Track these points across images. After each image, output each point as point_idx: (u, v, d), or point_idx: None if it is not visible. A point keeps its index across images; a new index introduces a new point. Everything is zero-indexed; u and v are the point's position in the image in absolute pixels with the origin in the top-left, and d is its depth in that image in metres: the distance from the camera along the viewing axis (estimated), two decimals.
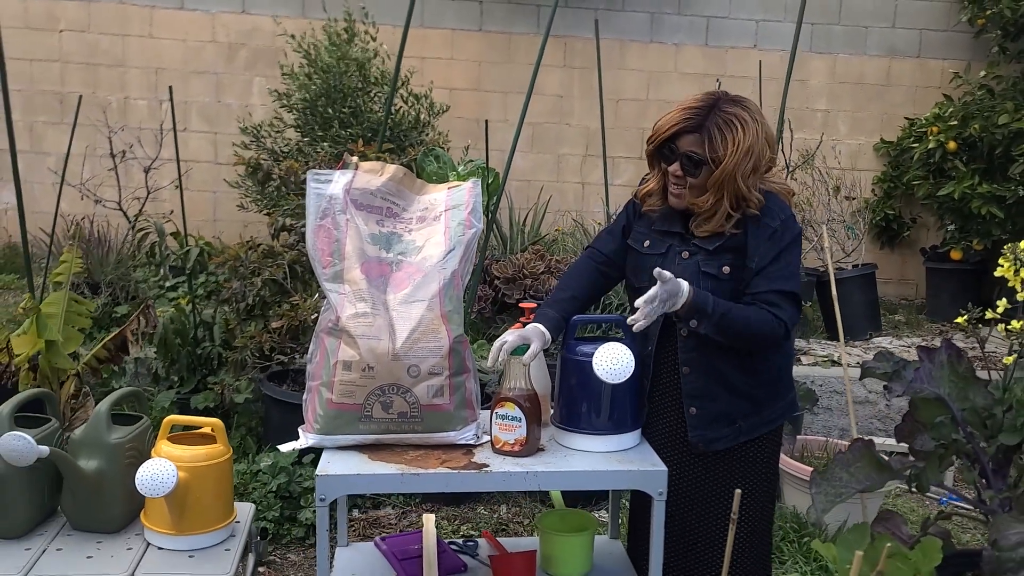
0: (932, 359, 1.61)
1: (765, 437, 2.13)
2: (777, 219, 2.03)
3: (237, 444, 3.65)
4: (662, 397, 2.15)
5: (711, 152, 1.97)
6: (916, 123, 6.96)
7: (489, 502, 3.57)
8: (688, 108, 2.02)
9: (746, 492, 2.08)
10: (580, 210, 7.03)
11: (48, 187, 6.34)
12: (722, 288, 2.02)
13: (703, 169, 1.99)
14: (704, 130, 1.98)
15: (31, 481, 2.01)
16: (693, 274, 2.03)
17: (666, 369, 2.13)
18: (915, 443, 1.79)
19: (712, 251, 2.04)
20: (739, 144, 1.95)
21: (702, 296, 1.96)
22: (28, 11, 6.63)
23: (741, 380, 2.07)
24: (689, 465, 2.12)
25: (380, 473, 1.83)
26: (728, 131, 1.96)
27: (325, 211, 2.06)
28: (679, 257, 2.08)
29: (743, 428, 2.09)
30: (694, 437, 2.08)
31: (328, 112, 5.10)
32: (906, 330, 6.22)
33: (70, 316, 3.25)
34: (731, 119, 1.97)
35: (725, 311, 1.97)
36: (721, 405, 2.07)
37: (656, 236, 2.15)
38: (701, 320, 1.98)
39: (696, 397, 2.07)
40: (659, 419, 2.16)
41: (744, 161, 1.96)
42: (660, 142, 2.06)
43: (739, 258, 2.02)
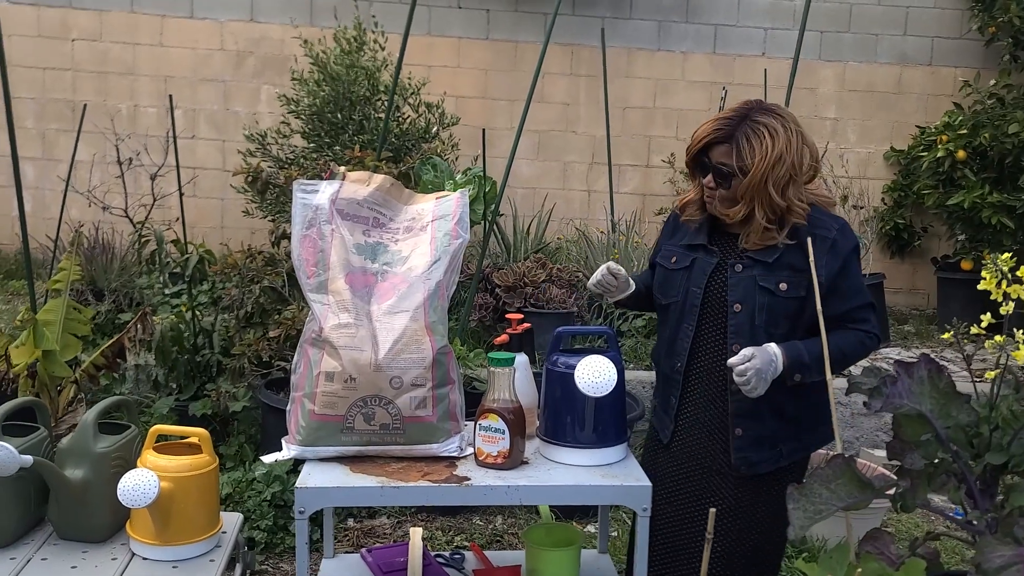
0: (911, 374, 1.58)
1: (799, 463, 2.12)
2: (832, 229, 2.01)
3: (235, 452, 3.65)
4: (707, 413, 2.10)
5: (739, 162, 1.95)
6: (926, 132, 6.90)
7: (485, 512, 3.56)
8: (720, 119, 2.00)
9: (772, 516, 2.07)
10: (585, 218, 7.01)
11: (58, 194, 6.40)
12: (778, 304, 1.98)
13: (733, 180, 1.97)
14: (733, 140, 1.96)
15: (17, 490, 2.02)
16: (748, 290, 2.00)
17: (713, 387, 2.08)
18: (905, 461, 1.75)
19: (769, 264, 2.00)
20: (768, 153, 1.92)
21: (792, 350, 1.95)
22: (41, 20, 6.71)
23: (790, 403, 2.03)
24: (726, 487, 2.09)
25: (360, 486, 1.82)
26: (756, 140, 1.93)
27: (311, 221, 2.05)
28: (732, 269, 2.04)
29: (783, 452, 2.06)
30: (737, 459, 2.05)
31: (336, 119, 5.12)
32: (916, 341, 6.16)
33: (69, 323, 3.28)
34: (760, 128, 1.94)
35: (819, 353, 1.91)
36: (767, 428, 2.04)
37: (682, 251, 2.14)
38: (803, 372, 1.96)
39: (744, 417, 2.03)
40: (701, 438, 2.11)
41: (775, 170, 1.93)
42: (694, 154, 2.05)
43: (796, 275, 1.98)
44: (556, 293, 4.91)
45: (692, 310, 2.08)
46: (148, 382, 3.93)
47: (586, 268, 5.58)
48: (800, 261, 1.97)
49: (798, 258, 1.98)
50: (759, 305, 1.98)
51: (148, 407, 3.78)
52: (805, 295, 1.98)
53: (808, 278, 1.96)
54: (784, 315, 1.99)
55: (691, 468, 2.11)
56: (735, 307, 2.01)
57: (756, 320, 1.99)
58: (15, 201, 3.62)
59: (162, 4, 6.77)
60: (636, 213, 6.85)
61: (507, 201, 6.20)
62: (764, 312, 1.98)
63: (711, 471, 2.10)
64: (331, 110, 5.08)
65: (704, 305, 2.07)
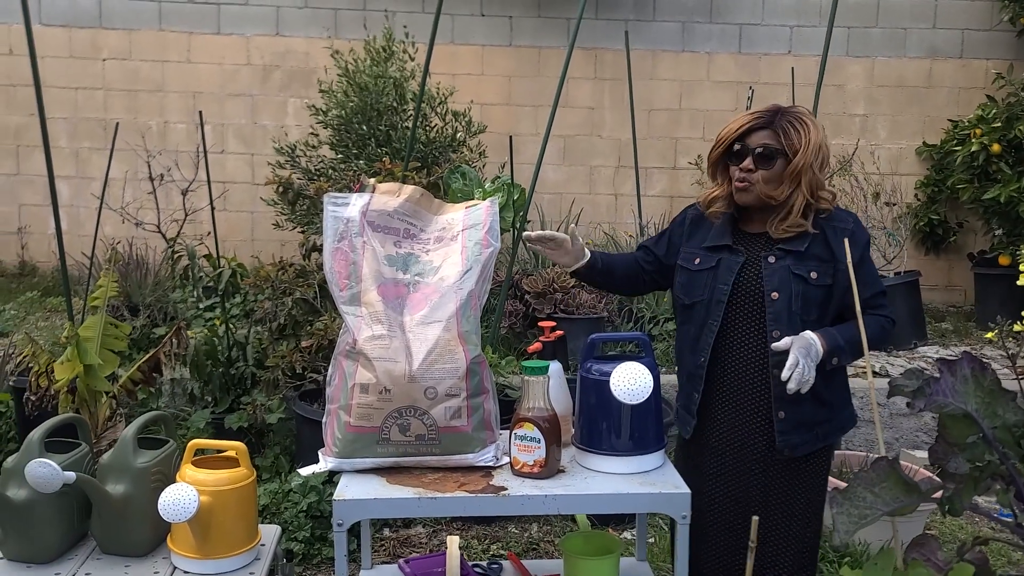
0: (954, 372, 1.54)
1: (831, 446, 2.23)
2: (849, 222, 2.15)
3: (271, 463, 3.68)
4: (747, 401, 2.17)
5: (787, 143, 2.08)
6: (959, 125, 6.78)
7: (520, 520, 3.55)
8: (754, 112, 2.16)
9: (810, 499, 2.19)
10: (613, 222, 6.99)
11: (93, 211, 6.51)
12: (810, 292, 2.09)
13: (778, 161, 2.09)
14: (776, 126, 2.10)
15: (60, 506, 2.05)
16: (784, 279, 2.10)
17: (754, 372, 2.15)
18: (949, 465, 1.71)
19: (799, 254, 2.11)
20: (811, 138, 2.08)
21: (828, 336, 2.05)
22: (72, 41, 6.84)
23: (822, 387, 2.10)
24: (764, 468, 2.18)
25: (397, 497, 1.82)
26: (800, 126, 2.09)
27: (342, 234, 2.06)
28: (765, 261, 2.13)
29: (819, 434, 2.15)
30: (782, 442, 2.13)
31: (363, 130, 5.15)
32: (954, 338, 6.05)
33: (106, 339, 3.32)
34: (800, 117, 2.11)
35: (850, 337, 2.05)
36: (806, 411, 2.12)
37: (705, 253, 2.22)
38: (839, 355, 2.06)
39: (785, 401, 2.10)
40: (743, 423, 2.19)
41: (816, 155, 2.09)
42: (730, 142, 2.15)
43: (823, 265, 2.10)
44: (586, 298, 4.89)
45: (718, 307, 2.16)
46: (184, 396, 3.98)
47: None
48: (824, 252, 2.11)
49: (822, 249, 2.11)
50: (795, 293, 2.08)
51: (184, 421, 3.82)
52: (831, 283, 2.10)
53: (833, 267, 2.10)
54: (815, 303, 2.10)
55: (729, 459, 2.20)
56: (772, 295, 2.09)
57: (793, 307, 2.09)
58: (52, 219, 3.68)
59: (189, 21, 6.86)
60: (664, 215, 6.80)
61: (534, 207, 6.19)
62: (799, 299, 2.08)
63: (748, 459, 2.17)
64: (359, 121, 5.11)
65: (732, 301, 2.15)
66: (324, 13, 6.89)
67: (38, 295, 6.23)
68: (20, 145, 6.92)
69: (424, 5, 6.87)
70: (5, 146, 6.92)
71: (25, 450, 2.05)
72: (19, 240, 6.98)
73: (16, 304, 5.95)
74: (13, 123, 6.89)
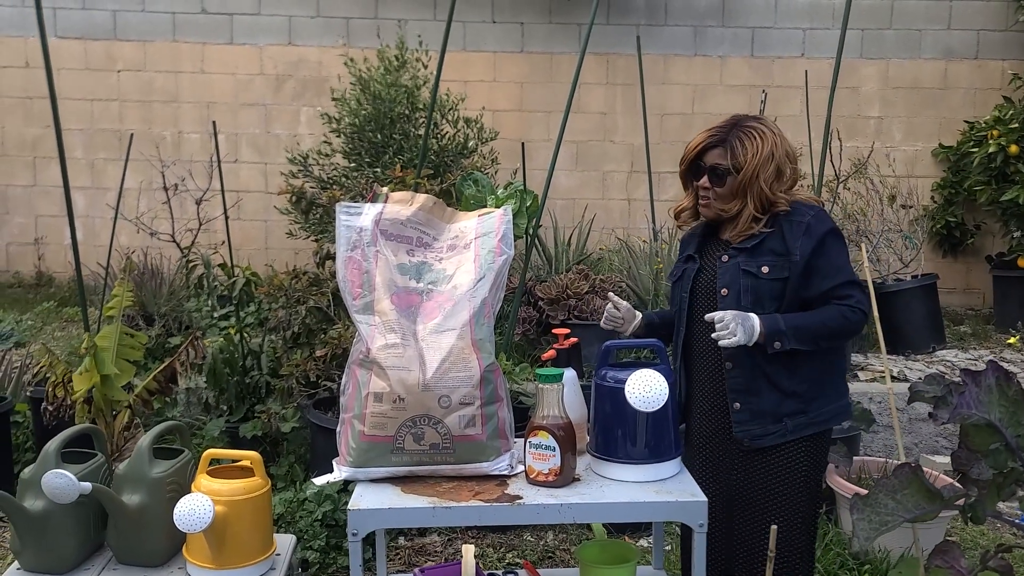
0: (978, 382, 1.52)
1: (812, 439, 2.17)
2: (807, 215, 2.15)
3: (285, 472, 3.68)
4: (706, 392, 2.23)
5: (733, 160, 2.13)
6: (976, 127, 6.72)
7: (536, 529, 3.53)
8: (712, 128, 2.22)
9: (786, 493, 2.17)
10: (626, 227, 6.96)
11: (108, 221, 6.56)
12: (762, 287, 2.12)
13: (728, 179, 2.15)
14: (727, 143, 2.16)
15: (77, 516, 2.05)
16: (734, 275, 2.15)
17: (709, 364, 2.21)
18: (972, 471, 1.69)
19: (750, 250, 2.15)
20: (759, 150, 2.12)
21: (770, 319, 2.07)
22: (88, 53, 6.90)
23: (783, 377, 2.12)
24: (732, 461, 2.20)
25: (412, 507, 1.81)
26: (749, 140, 2.14)
27: (355, 243, 2.06)
28: (719, 261, 2.20)
29: (790, 427, 2.14)
30: (739, 433, 2.15)
31: (376, 138, 5.16)
32: (972, 342, 5.98)
33: (122, 349, 3.33)
34: (751, 131, 2.15)
35: (798, 323, 2.08)
36: (766, 402, 2.13)
37: (679, 265, 2.35)
38: (780, 339, 2.07)
39: (740, 392, 2.14)
40: (703, 414, 2.25)
41: (766, 166, 2.12)
42: (689, 161, 2.25)
43: (777, 259, 2.13)
44: (600, 304, 4.87)
45: (682, 315, 2.28)
46: (199, 405, 3.98)
47: (629, 278, 5.53)
48: (779, 245, 2.13)
49: (777, 243, 2.14)
50: (743, 287, 2.13)
51: (199, 430, 3.82)
52: (787, 276, 2.12)
53: (788, 261, 2.12)
54: (769, 296, 2.12)
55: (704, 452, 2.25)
56: (722, 292, 2.15)
57: (742, 301, 2.12)
58: (67, 230, 3.71)
59: (203, 32, 6.91)
60: None
61: (547, 213, 6.18)
62: (749, 294, 2.12)
63: (720, 449, 2.21)
64: (372, 129, 5.12)
65: (693, 305, 2.25)
66: (336, 22, 6.92)
67: (55, 305, 6.27)
68: (36, 157, 6.98)
69: (436, 13, 6.88)
70: (22, 158, 6.99)
71: (42, 461, 2.05)
72: (36, 251, 7.04)
73: (33, 314, 5.99)
74: (30, 135, 6.95)
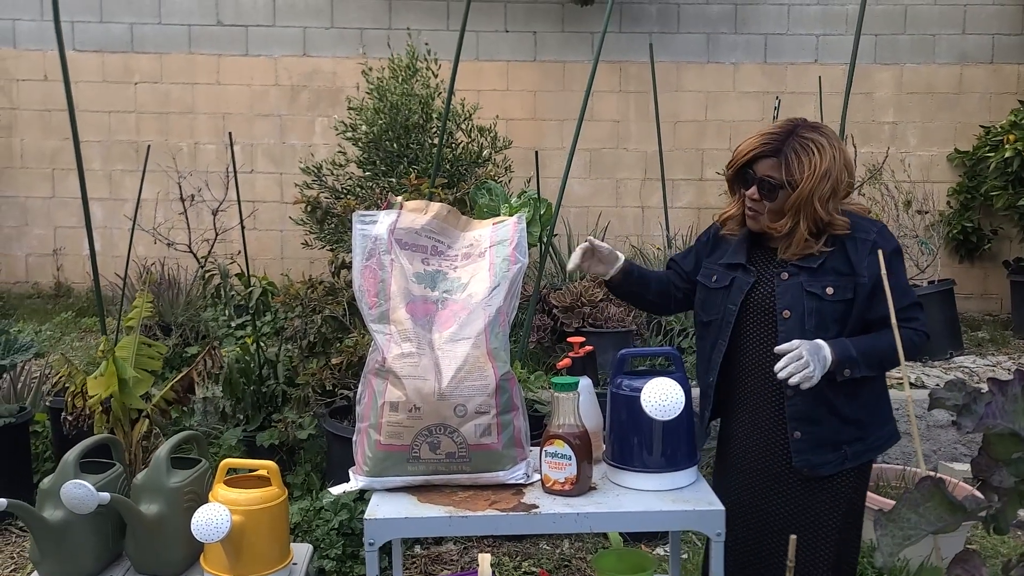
0: (1004, 391, 1.50)
1: (866, 465, 2.14)
2: (872, 232, 2.05)
3: (302, 481, 3.69)
4: (764, 420, 2.14)
5: (788, 176, 2.00)
6: (991, 131, 6.68)
7: (552, 537, 3.52)
8: (766, 134, 2.07)
9: (844, 520, 2.12)
10: (640, 234, 6.96)
11: (126, 232, 6.61)
12: (826, 309, 2.01)
13: (780, 193, 2.02)
14: (781, 155, 2.02)
15: (96, 526, 2.07)
16: (796, 296, 2.04)
17: (762, 387, 2.12)
18: (992, 479, 1.67)
19: (813, 270, 2.04)
20: (816, 168, 1.99)
21: (840, 345, 1.98)
22: (105, 66, 6.97)
23: (844, 404, 2.05)
24: (778, 487, 2.13)
25: (428, 516, 1.81)
26: (805, 155, 2.00)
27: (370, 252, 2.07)
28: (778, 279, 2.08)
29: (849, 454, 2.08)
30: (799, 462, 2.07)
31: (392, 148, 5.18)
32: (991, 348, 5.93)
33: (140, 359, 3.35)
34: (808, 144, 2.01)
35: (866, 349, 2.00)
36: (826, 429, 2.06)
37: (722, 271, 2.19)
38: (852, 367, 1.99)
39: (800, 421, 2.06)
40: (761, 442, 2.15)
41: (821, 185, 1.99)
42: (738, 167, 2.10)
43: (841, 279, 2.03)
44: (614, 312, 4.86)
45: (726, 327, 2.14)
46: (216, 414, 4.01)
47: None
48: (843, 265, 2.03)
49: (840, 262, 2.03)
50: (808, 310, 2.02)
51: (216, 439, 3.85)
52: (852, 298, 2.02)
53: (853, 281, 2.01)
54: (833, 319, 2.02)
55: (744, 476, 2.17)
56: (784, 313, 2.04)
57: (806, 325, 2.02)
58: (86, 241, 3.74)
59: (218, 44, 6.97)
60: (692, 227, 6.76)
61: (561, 220, 6.19)
62: (813, 316, 2.01)
63: (769, 478, 2.14)
64: (388, 138, 5.14)
65: (743, 321, 2.13)
66: (350, 33, 6.97)
67: (73, 316, 6.33)
68: (55, 168, 7.06)
69: (449, 23, 6.92)
70: (41, 170, 7.07)
71: (61, 471, 2.07)
72: (55, 262, 7.11)
73: (52, 325, 6.05)
74: (48, 147, 7.03)
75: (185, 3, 6.93)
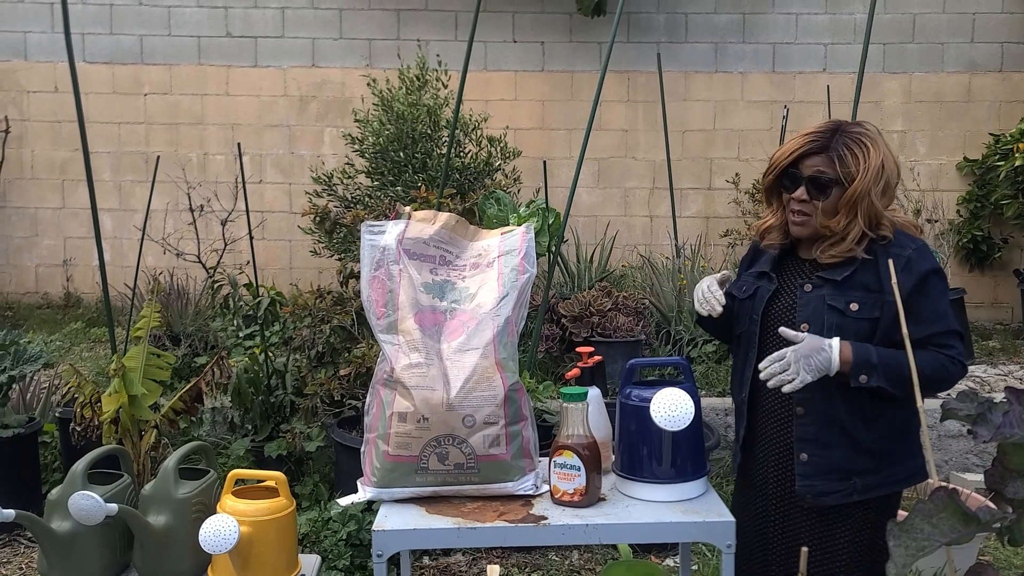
0: (1021, 401, 1.49)
1: (880, 501, 1.97)
2: (908, 248, 1.92)
3: (310, 491, 3.68)
4: (770, 438, 2.05)
5: (843, 169, 1.90)
6: (1001, 140, 6.65)
7: (561, 548, 3.50)
8: (810, 132, 1.97)
9: (848, 555, 1.98)
10: (648, 244, 6.95)
11: (135, 243, 6.64)
12: (848, 325, 1.90)
13: (833, 190, 1.92)
14: (831, 150, 1.92)
15: (104, 537, 2.06)
16: (817, 309, 1.94)
17: (778, 408, 2.02)
18: (1007, 490, 1.65)
19: (839, 283, 1.93)
20: (871, 161, 1.90)
21: (861, 348, 1.86)
22: (115, 77, 7.02)
23: (859, 429, 1.93)
24: (791, 516, 2.03)
25: (437, 528, 1.80)
26: (858, 148, 1.90)
27: (379, 262, 2.07)
28: (800, 289, 1.99)
29: (858, 486, 1.95)
30: (802, 487, 1.97)
31: (399, 157, 5.20)
32: (1002, 357, 5.88)
33: (149, 370, 3.36)
34: (859, 137, 1.92)
35: (891, 360, 1.85)
36: (837, 455, 1.94)
37: (751, 281, 2.11)
38: (869, 373, 1.85)
39: (808, 442, 1.96)
40: (765, 462, 2.06)
41: (877, 179, 1.90)
42: (781, 169, 1.99)
43: (869, 295, 1.91)
44: (623, 321, 4.85)
45: (752, 339, 2.06)
46: (224, 424, 4.01)
47: (652, 294, 5.51)
48: (873, 280, 1.91)
49: (871, 277, 1.92)
50: (828, 325, 1.92)
51: (225, 449, 3.84)
52: (879, 316, 1.90)
53: (883, 299, 1.90)
54: (856, 336, 1.90)
55: (764, 499, 2.08)
56: (802, 326, 1.95)
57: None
58: (95, 251, 3.76)
59: (227, 55, 7.01)
60: (701, 237, 6.75)
61: (569, 230, 6.18)
62: (833, 332, 1.90)
63: (781, 500, 2.05)
64: (395, 148, 5.16)
65: (765, 332, 2.03)
66: (359, 43, 7.00)
67: (83, 326, 6.35)
68: (65, 179, 7.10)
69: (457, 33, 6.94)
70: (51, 180, 7.11)
71: (69, 482, 2.07)
72: (64, 272, 7.14)
73: (61, 335, 6.07)
74: (59, 158, 7.07)
75: (195, 14, 6.98)
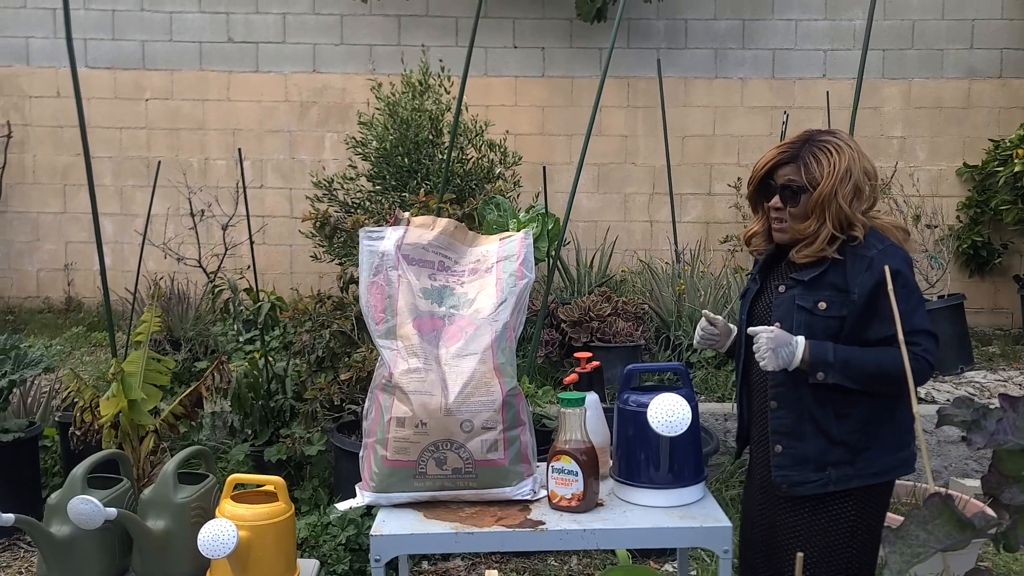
0: (1016, 407, 1.49)
1: (861, 491, 2.03)
2: (873, 248, 2.00)
3: (309, 496, 3.69)
4: (757, 426, 2.16)
5: (807, 176, 2.00)
6: (1001, 145, 6.66)
7: (560, 553, 3.51)
8: (783, 144, 2.09)
9: (830, 546, 2.03)
10: (648, 249, 6.95)
11: (136, 247, 6.65)
12: (816, 324, 1.99)
13: (802, 196, 2.01)
14: (799, 159, 2.02)
15: (103, 542, 2.06)
16: (787, 309, 2.04)
17: (759, 402, 2.13)
18: (1003, 496, 1.65)
19: (808, 283, 2.02)
20: (836, 167, 1.98)
21: (819, 347, 1.95)
22: (117, 82, 7.04)
23: (831, 423, 2.01)
24: (770, 505, 2.13)
25: (435, 532, 1.81)
26: (823, 155, 2.00)
27: (378, 267, 2.08)
28: (776, 292, 2.10)
29: (833, 477, 2.02)
30: (778, 477, 2.06)
31: (402, 163, 5.21)
32: (1002, 362, 5.88)
33: (149, 374, 3.37)
34: (825, 145, 2.02)
35: (850, 357, 1.94)
36: (810, 447, 2.02)
37: (748, 281, 2.25)
38: (825, 370, 1.95)
39: (783, 435, 2.05)
40: (754, 453, 2.19)
41: (843, 183, 1.98)
42: (759, 179, 2.11)
43: (837, 295, 1.99)
44: (623, 326, 4.86)
45: (741, 337, 2.17)
46: (224, 429, 4.01)
47: (652, 300, 5.51)
48: (841, 280, 2.00)
49: (839, 277, 2.00)
50: (796, 323, 2.01)
51: (225, 453, 3.85)
52: (846, 315, 1.98)
53: (849, 300, 1.97)
54: (824, 335, 1.98)
55: (751, 488, 2.21)
56: (775, 326, 2.03)
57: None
58: (96, 256, 3.77)
59: (229, 61, 7.03)
60: (700, 242, 6.76)
61: (569, 235, 6.19)
62: (802, 329, 1.99)
63: (763, 490, 2.15)
64: (399, 153, 5.17)
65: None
66: (360, 49, 7.02)
67: (84, 330, 6.35)
68: (67, 184, 7.11)
69: (457, 39, 6.96)
70: (52, 185, 7.12)
71: (68, 486, 2.08)
72: (65, 276, 7.15)
73: (62, 339, 6.08)
74: (60, 163, 7.09)
75: (196, 20, 7.00)
